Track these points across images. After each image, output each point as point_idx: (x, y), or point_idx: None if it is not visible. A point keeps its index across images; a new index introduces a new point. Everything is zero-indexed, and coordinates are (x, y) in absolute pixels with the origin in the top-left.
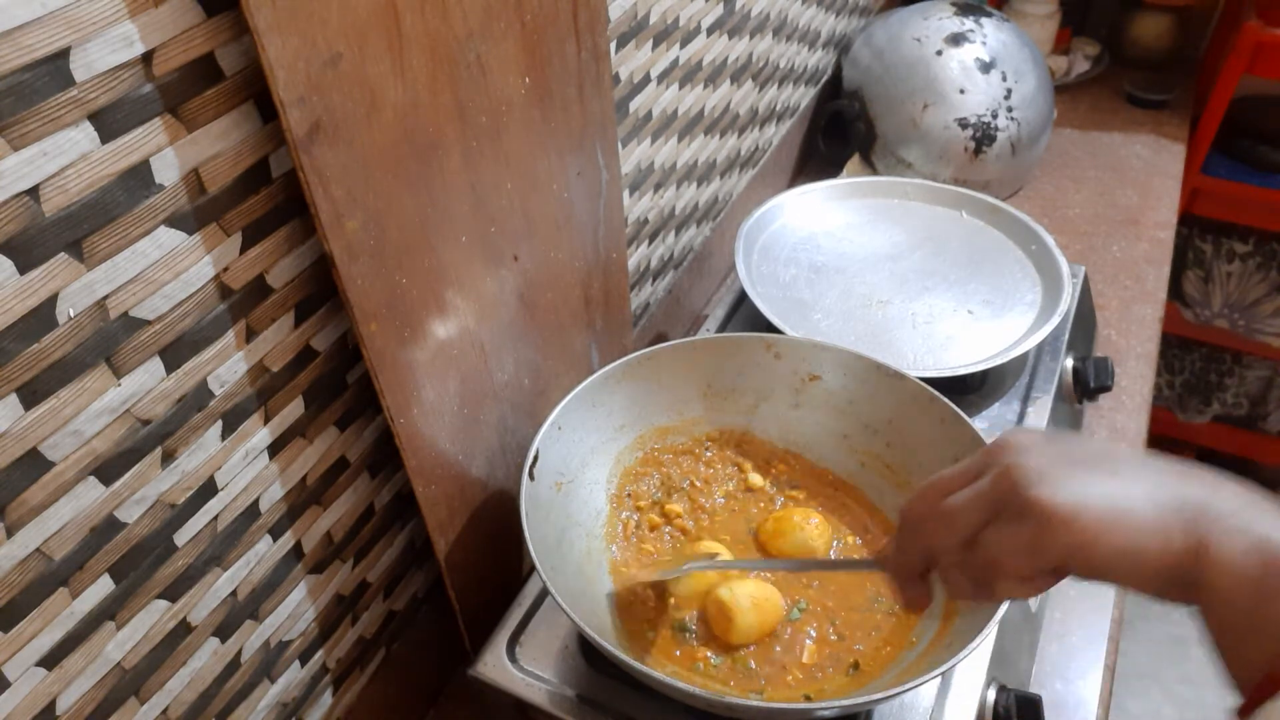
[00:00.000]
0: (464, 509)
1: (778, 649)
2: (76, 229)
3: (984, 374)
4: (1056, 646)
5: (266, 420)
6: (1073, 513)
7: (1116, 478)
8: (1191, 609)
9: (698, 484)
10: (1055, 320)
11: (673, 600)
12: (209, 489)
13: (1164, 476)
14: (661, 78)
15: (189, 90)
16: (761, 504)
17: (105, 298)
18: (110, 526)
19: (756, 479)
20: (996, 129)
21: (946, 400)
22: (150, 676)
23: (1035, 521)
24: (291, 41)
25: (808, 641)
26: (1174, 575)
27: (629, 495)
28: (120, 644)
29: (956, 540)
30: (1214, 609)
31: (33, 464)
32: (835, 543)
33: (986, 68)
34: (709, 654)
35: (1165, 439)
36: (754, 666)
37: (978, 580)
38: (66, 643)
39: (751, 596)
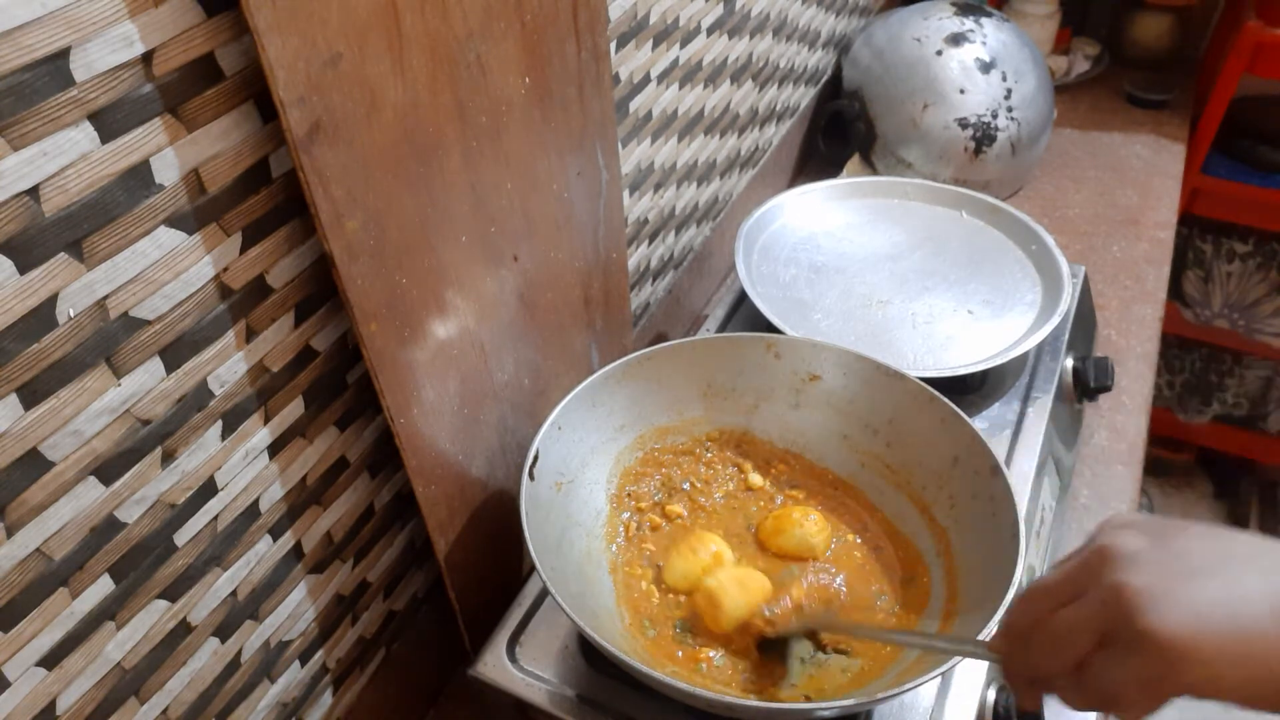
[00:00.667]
0: (464, 509)
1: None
2: (76, 229)
3: (984, 374)
4: None
5: (266, 420)
6: (1192, 644)
7: (1236, 585)
8: None
9: (698, 484)
10: (1055, 320)
11: (676, 598)
12: (209, 489)
13: (1270, 574)
14: (661, 78)
15: (189, 90)
16: (761, 503)
17: (105, 298)
18: (110, 526)
19: (757, 479)
20: (996, 129)
21: (946, 400)
22: (150, 676)
23: (1151, 655)
24: (291, 41)
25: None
26: None
27: (629, 495)
28: (120, 644)
29: (1066, 665)
30: None
31: (33, 464)
32: (834, 541)
33: (986, 68)
34: (711, 654)
35: (1165, 439)
36: (758, 669)
37: (1096, 705)
38: (66, 643)
39: (736, 579)
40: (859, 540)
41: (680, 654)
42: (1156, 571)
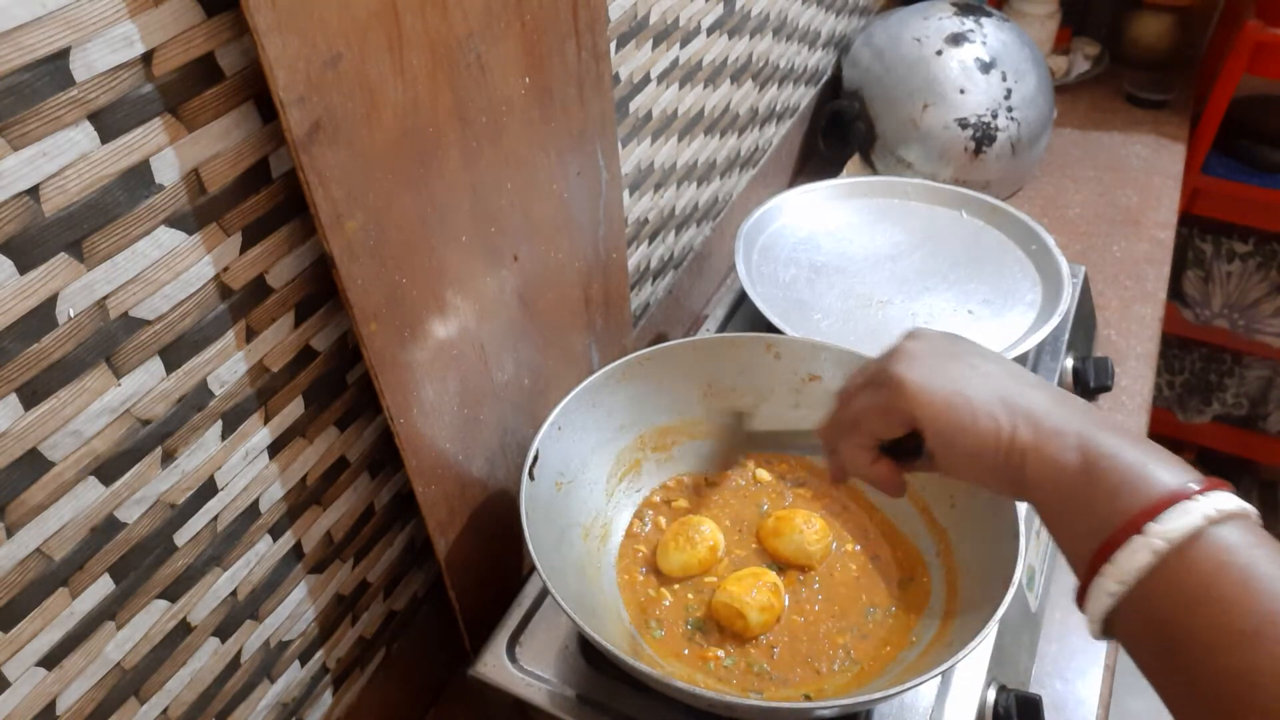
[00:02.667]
0: (464, 509)
1: (776, 652)
2: (76, 229)
3: None
4: (1056, 646)
5: (266, 420)
6: (921, 387)
7: (973, 372)
8: (1029, 505)
9: (705, 479)
10: (1055, 320)
11: (689, 599)
12: (209, 489)
13: (1012, 379)
14: (661, 78)
15: (189, 90)
16: (771, 496)
17: (105, 298)
18: (110, 526)
19: (764, 474)
20: (996, 129)
21: None
22: (150, 676)
23: (890, 389)
24: (291, 41)
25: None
26: (1004, 464)
27: (630, 494)
28: (120, 644)
29: (842, 401)
30: (1044, 501)
31: (33, 464)
32: (834, 546)
33: (986, 68)
34: (719, 653)
35: (1165, 439)
36: (767, 668)
37: (844, 439)
38: (66, 643)
39: (755, 590)
40: (858, 549)
41: (687, 652)
42: (925, 350)
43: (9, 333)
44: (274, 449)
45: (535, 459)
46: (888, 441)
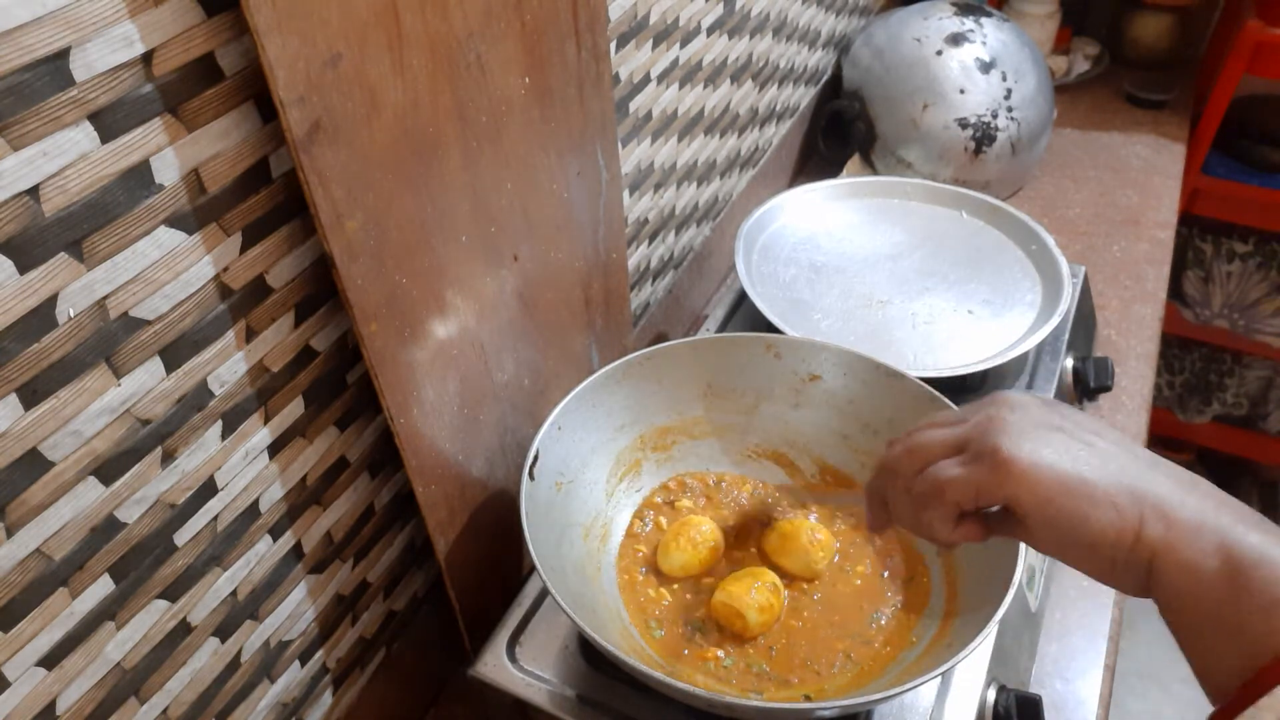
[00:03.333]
0: (464, 509)
1: (774, 651)
2: (76, 229)
3: (984, 374)
4: (1056, 646)
5: (266, 420)
6: (1030, 466)
7: (1087, 450)
8: (1153, 604)
9: (710, 483)
10: (1055, 320)
11: (689, 598)
12: (209, 489)
13: (1134, 461)
14: (661, 78)
15: (189, 90)
16: (774, 496)
17: (105, 298)
18: (110, 526)
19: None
20: (996, 129)
21: (946, 400)
22: (150, 676)
23: (990, 464)
24: (291, 41)
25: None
26: (1127, 560)
27: (630, 494)
28: (120, 644)
29: (916, 467)
30: (1176, 609)
31: (33, 464)
32: (836, 557)
33: (986, 68)
34: (719, 653)
35: (1165, 439)
36: (767, 669)
37: (916, 503)
38: (66, 643)
39: (754, 590)
40: (866, 567)
41: (687, 653)
42: (1029, 419)
43: (9, 333)
44: (274, 449)
45: (535, 459)
46: None
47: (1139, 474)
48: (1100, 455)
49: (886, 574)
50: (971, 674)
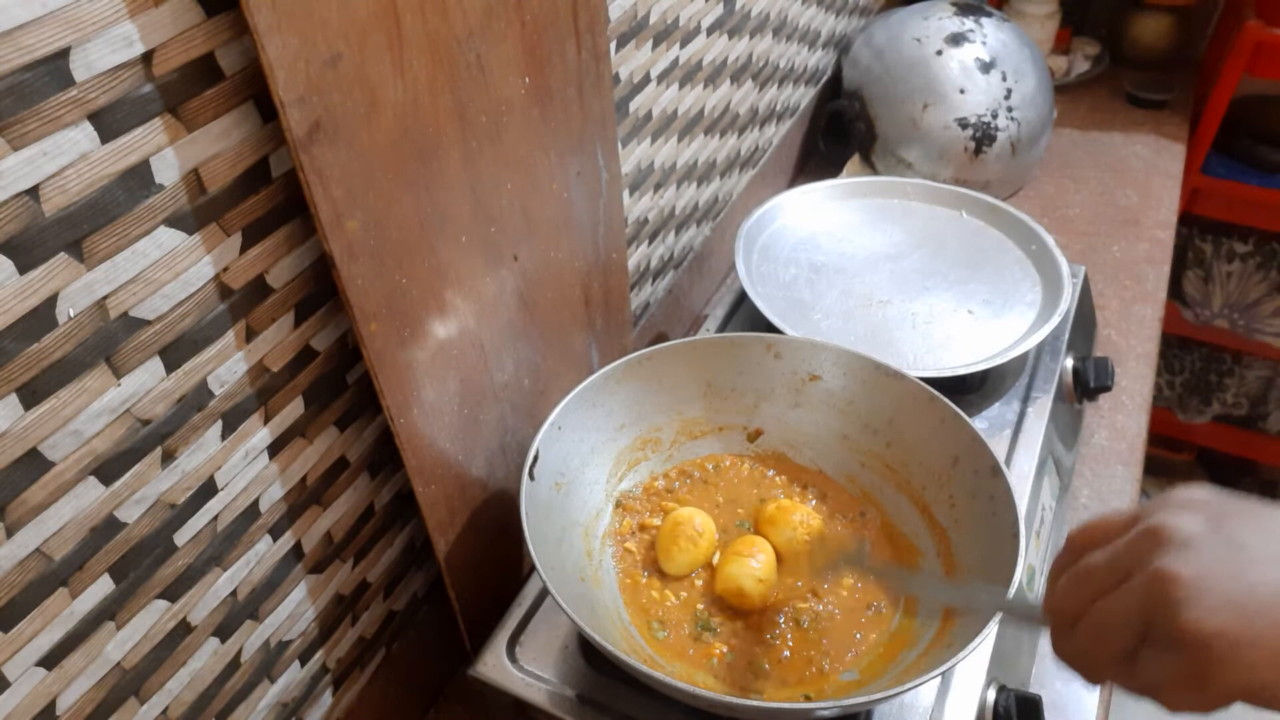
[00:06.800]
0: (464, 509)
1: (774, 651)
2: (76, 229)
3: (984, 374)
4: None
5: (266, 420)
6: (1235, 645)
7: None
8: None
9: (709, 469)
10: (1055, 320)
11: (694, 596)
12: (209, 489)
13: None
14: (661, 78)
15: (189, 90)
16: (772, 486)
17: (105, 298)
18: (110, 526)
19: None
20: (996, 129)
21: (946, 400)
22: (150, 676)
23: (1190, 654)
24: (291, 41)
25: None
26: None
27: (630, 495)
28: (120, 644)
29: (1113, 655)
30: None
31: (33, 464)
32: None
33: (986, 68)
34: (722, 649)
35: (1165, 439)
36: (767, 668)
37: (1148, 695)
38: (66, 643)
39: (751, 562)
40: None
41: (692, 652)
42: (1207, 561)
43: (9, 333)
44: (274, 449)
45: (535, 459)
46: None
47: None
48: None
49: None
50: (971, 674)
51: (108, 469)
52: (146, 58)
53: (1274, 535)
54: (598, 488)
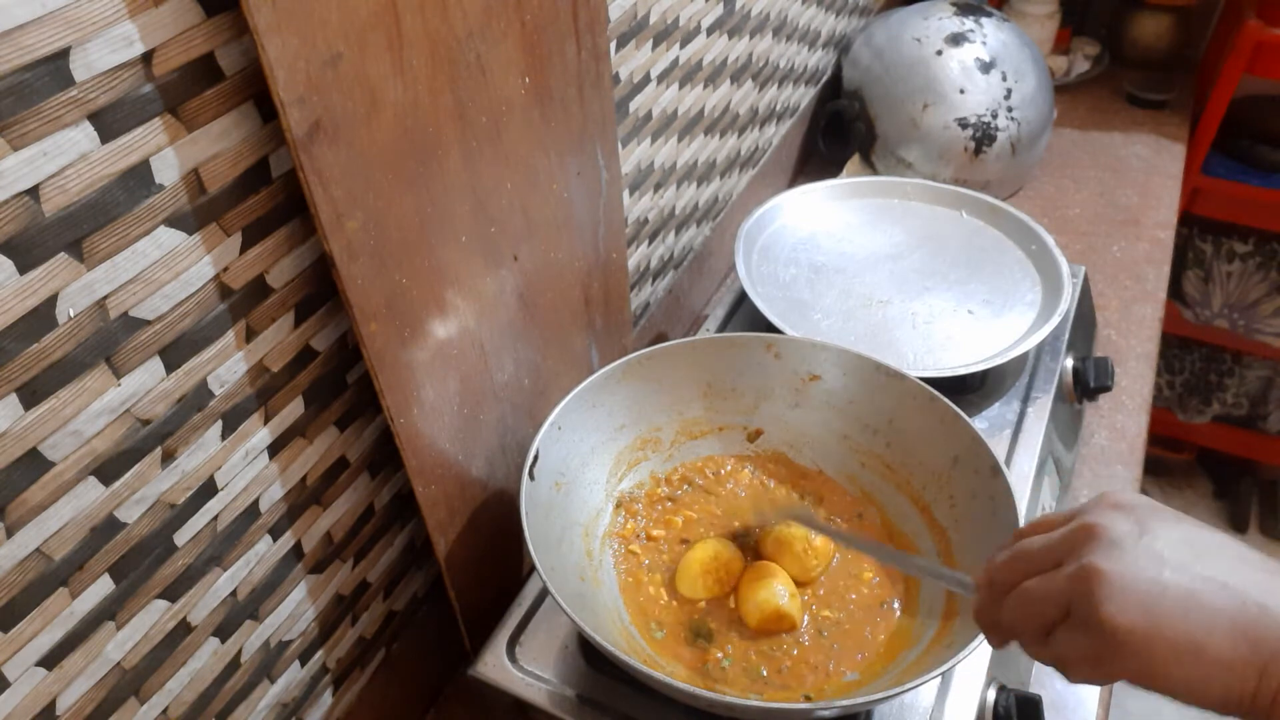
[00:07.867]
0: (464, 509)
1: (793, 652)
2: (76, 229)
3: (984, 374)
4: None
5: (266, 420)
6: (1139, 638)
7: (1196, 598)
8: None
9: (709, 474)
10: (1055, 320)
11: (690, 603)
12: (209, 489)
13: (1249, 599)
14: (661, 78)
15: (189, 90)
16: (773, 498)
17: (105, 298)
18: (110, 526)
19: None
20: (996, 129)
21: (946, 400)
22: (150, 676)
23: (1100, 639)
24: (291, 41)
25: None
26: (1242, 710)
27: (630, 496)
28: (120, 644)
29: (1032, 629)
30: None
31: (33, 464)
32: (836, 558)
33: (986, 68)
34: (719, 654)
35: (1165, 439)
36: (765, 674)
37: (1049, 663)
38: (66, 643)
39: (777, 586)
40: (866, 564)
41: (688, 654)
42: (1129, 562)
43: (9, 333)
44: (274, 449)
45: (535, 459)
46: None
47: (1255, 616)
48: (1210, 599)
49: (879, 579)
50: (971, 674)
51: (108, 469)
52: (146, 58)
53: (1187, 544)
54: (598, 488)
